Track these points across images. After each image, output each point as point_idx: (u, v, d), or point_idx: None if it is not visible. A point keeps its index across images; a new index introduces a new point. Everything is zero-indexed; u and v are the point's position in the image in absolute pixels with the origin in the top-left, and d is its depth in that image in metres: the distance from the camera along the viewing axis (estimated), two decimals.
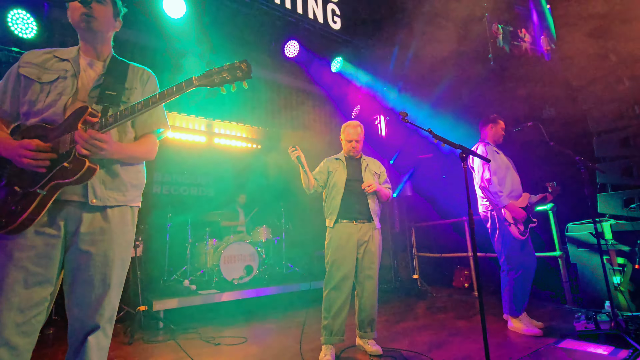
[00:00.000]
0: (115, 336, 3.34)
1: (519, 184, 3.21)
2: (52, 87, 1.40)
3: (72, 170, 1.29)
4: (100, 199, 1.38)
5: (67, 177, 1.29)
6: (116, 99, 1.45)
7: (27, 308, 1.24)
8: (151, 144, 1.58)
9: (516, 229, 3.01)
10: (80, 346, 1.32)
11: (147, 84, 1.62)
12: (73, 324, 1.33)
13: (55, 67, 1.44)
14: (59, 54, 1.47)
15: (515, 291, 3.01)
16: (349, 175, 2.82)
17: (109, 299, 1.38)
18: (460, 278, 5.49)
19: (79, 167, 1.29)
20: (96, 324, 1.34)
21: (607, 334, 2.60)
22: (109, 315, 1.39)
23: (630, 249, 3.38)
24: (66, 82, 1.42)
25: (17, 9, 3.42)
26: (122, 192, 1.45)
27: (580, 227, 3.80)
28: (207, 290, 4.20)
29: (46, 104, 1.37)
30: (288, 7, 4.36)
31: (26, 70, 1.40)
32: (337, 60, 5.22)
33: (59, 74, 1.42)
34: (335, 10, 4.88)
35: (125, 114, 1.35)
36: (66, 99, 1.39)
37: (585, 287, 3.69)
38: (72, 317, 1.33)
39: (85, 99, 1.42)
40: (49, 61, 1.44)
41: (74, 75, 1.44)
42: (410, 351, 2.63)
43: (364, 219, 2.80)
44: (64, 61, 1.45)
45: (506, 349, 2.61)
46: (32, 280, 1.26)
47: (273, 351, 2.83)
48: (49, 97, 1.38)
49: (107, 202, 1.40)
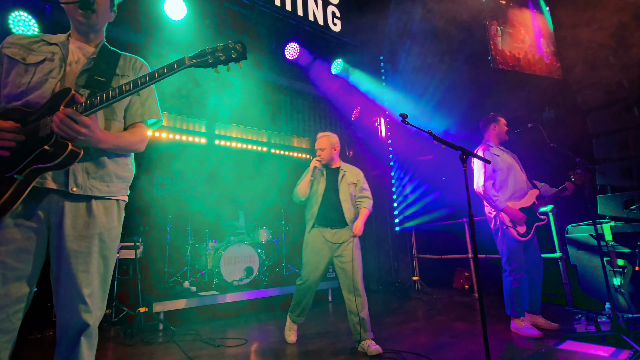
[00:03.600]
0: (115, 338, 3.34)
1: (523, 183, 3.20)
2: (37, 68, 1.33)
3: (53, 154, 1.20)
4: (82, 187, 1.30)
5: (47, 160, 1.20)
6: (105, 85, 1.39)
7: (5, 305, 1.18)
8: (141, 135, 1.51)
9: (515, 231, 3.01)
10: (73, 346, 1.27)
11: (139, 71, 1.55)
12: (62, 323, 1.28)
13: (43, 49, 1.37)
14: (47, 39, 1.41)
15: (517, 292, 3.00)
16: (327, 185, 3.01)
17: (94, 297, 1.31)
18: (460, 280, 5.48)
19: (61, 150, 1.21)
20: (85, 322, 1.28)
21: (608, 336, 2.60)
22: (97, 314, 1.33)
23: (630, 251, 3.38)
24: (53, 64, 1.35)
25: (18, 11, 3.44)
26: (106, 182, 1.38)
27: (581, 228, 3.80)
28: (208, 292, 4.19)
29: (30, 86, 1.31)
30: (288, 9, 4.38)
31: (10, 50, 1.34)
32: (337, 62, 5.24)
33: (46, 55, 1.36)
34: (335, 12, 4.89)
35: (112, 95, 1.27)
36: (54, 82, 1.33)
37: (585, 288, 3.69)
38: (60, 316, 1.28)
39: (72, 83, 1.36)
40: (36, 44, 1.38)
41: (62, 59, 1.37)
42: (411, 352, 2.63)
43: (339, 226, 2.95)
44: (52, 45, 1.39)
45: (506, 350, 2.61)
46: (11, 276, 1.20)
47: (273, 353, 2.82)
48: (34, 78, 1.32)
49: (89, 192, 1.32)
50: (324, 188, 2.99)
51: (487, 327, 1.80)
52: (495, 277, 4.81)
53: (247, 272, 4.58)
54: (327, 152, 3.01)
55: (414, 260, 5.85)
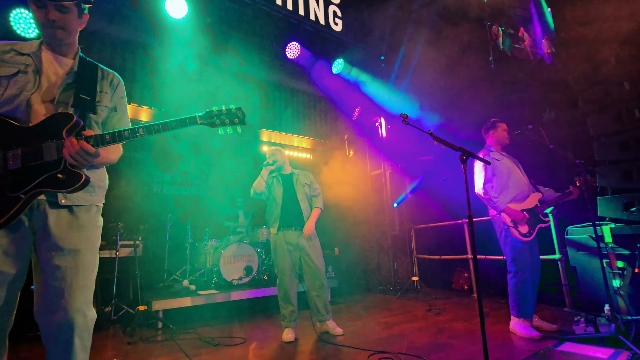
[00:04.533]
0: (114, 336, 3.35)
1: (524, 186, 3.21)
2: (10, 81, 1.33)
3: (65, 182, 1.30)
4: (70, 199, 1.38)
5: (59, 187, 1.30)
6: (91, 103, 1.45)
7: None
8: (119, 150, 1.61)
9: (516, 231, 3.01)
10: (65, 347, 1.29)
11: (116, 89, 1.61)
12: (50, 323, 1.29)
13: (14, 60, 1.37)
14: (18, 48, 1.40)
15: (522, 293, 3.00)
16: (284, 189, 3.40)
17: (85, 296, 1.35)
18: (459, 280, 5.48)
19: (74, 179, 1.32)
20: (73, 321, 1.30)
21: (607, 338, 2.59)
22: (89, 311, 1.37)
23: (630, 253, 3.38)
24: (27, 76, 1.36)
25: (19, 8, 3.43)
26: (90, 192, 1.45)
27: (580, 230, 3.80)
28: (207, 291, 4.20)
29: (3, 99, 1.31)
30: (290, 8, 4.37)
31: None
32: (338, 61, 5.23)
33: (19, 67, 1.36)
34: (336, 12, 4.89)
35: (125, 135, 1.39)
36: (28, 95, 1.34)
37: (584, 290, 3.69)
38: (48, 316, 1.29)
39: (54, 99, 1.38)
40: (7, 54, 1.37)
41: (36, 71, 1.38)
42: (408, 355, 2.63)
43: (299, 225, 3.32)
44: (23, 55, 1.39)
45: (505, 351, 2.61)
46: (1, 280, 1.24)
47: (272, 352, 2.83)
48: (7, 91, 1.32)
49: (75, 202, 1.39)
50: (282, 192, 3.38)
51: (486, 328, 1.80)
52: (495, 278, 4.82)
53: (246, 271, 4.59)
54: (279, 157, 3.42)
55: (414, 261, 5.85)
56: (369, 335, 3.19)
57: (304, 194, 3.42)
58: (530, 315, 3.02)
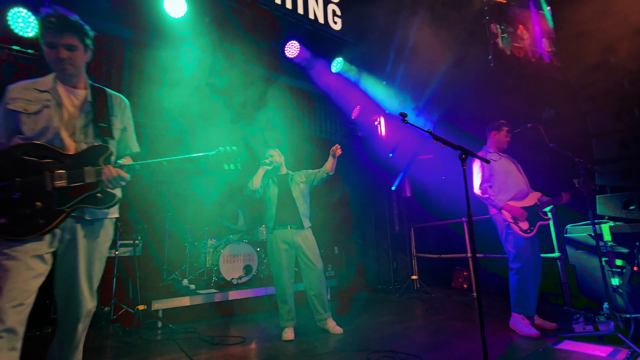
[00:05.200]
0: (113, 335, 3.35)
1: (523, 185, 3.22)
2: (38, 116, 1.58)
3: (103, 199, 1.64)
4: (92, 214, 1.67)
5: (97, 203, 1.63)
6: (109, 130, 1.72)
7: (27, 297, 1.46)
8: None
9: (517, 227, 3.03)
10: (74, 327, 1.65)
11: (124, 111, 1.86)
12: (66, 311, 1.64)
13: (38, 97, 1.61)
14: (38, 86, 1.64)
15: (524, 291, 3.01)
16: (280, 189, 3.43)
17: (92, 291, 1.70)
18: (459, 279, 5.49)
19: (110, 198, 1.66)
20: (88, 309, 1.67)
21: (606, 336, 2.60)
22: (94, 303, 1.72)
23: (629, 251, 3.38)
24: (51, 110, 1.60)
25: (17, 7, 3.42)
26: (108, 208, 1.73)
27: (579, 228, 3.80)
28: (206, 290, 4.20)
29: (36, 132, 1.57)
30: (289, 7, 4.36)
31: (14, 105, 1.57)
32: (338, 60, 5.22)
33: (43, 104, 1.60)
34: (335, 10, 4.88)
35: (151, 165, 1.75)
36: (58, 127, 1.60)
37: (584, 288, 3.69)
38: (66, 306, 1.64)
39: (77, 127, 1.65)
40: (31, 93, 1.61)
41: (57, 105, 1.63)
42: (407, 353, 2.63)
43: (295, 224, 3.34)
44: (43, 92, 1.63)
45: (504, 350, 2.61)
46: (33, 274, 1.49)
47: (271, 351, 2.83)
48: (37, 124, 1.57)
49: (97, 216, 1.68)
50: (277, 192, 3.41)
51: (486, 327, 1.80)
52: (494, 277, 4.83)
53: (246, 270, 4.59)
54: (276, 158, 3.47)
55: (413, 259, 5.86)
56: (369, 334, 3.20)
57: (299, 192, 3.43)
58: (532, 313, 3.03)
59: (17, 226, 1.45)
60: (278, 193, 3.41)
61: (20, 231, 1.45)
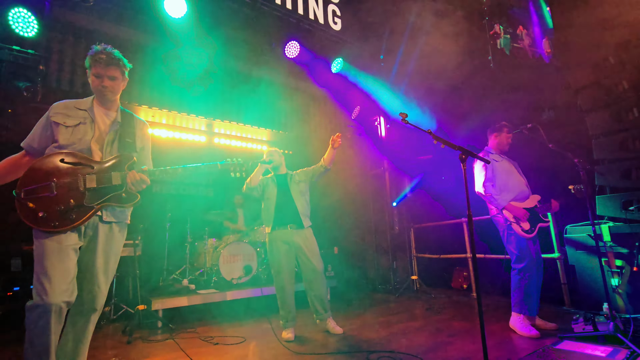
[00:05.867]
0: (113, 335, 3.35)
1: (523, 186, 3.24)
2: (74, 129, 1.89)
3: (126, 199, 1.93)
4: (110, 216, 1.92)
5: (121, 202, 1.91)
6: (132, 145, 2.05)
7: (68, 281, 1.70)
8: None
9: (519, 227, 3.03)
10: (87, 319, 1.86)
11: (144, 134, 2.18)
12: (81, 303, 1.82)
13: (77, 114, 1.93)
14: (78, 105, 1.96)
15: (526, 291, 3.02)
16: (279, 188, 3.42)
17: (107, 286, 1.93)
18: (459, 279, 5.49)
19: (132, 198, 1.95)
20: (100, 303, 1.89)
21: (606, 336, 2.60)
22: (104, 299, 1.94)
23: (628, 251, 3.39)
24: (86, 126, 1.92)
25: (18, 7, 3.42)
26: (122, 212, 2.00)
27: (579, 229, 3.81)
28: (206, 290, 4.20)
29: (70, 141, 1.86)
30: (289, 7, 4.36)
31: (56, 118, 1.89)
32: (338, 61, 5.23)
33: (80, 120, 1.92)
34: (335, 11, 4.88)
35: (169, 172, 2.04)
36: (89, 139, 1.90)
37: (583, 288, 3.70)
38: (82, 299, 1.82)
39: (104, 141, 1.95)
40: (71, 110, 1.94)
41: (91, 122, 1.95)
42: (407, 354, 2.63)
43: (294, 223, 3.32)
44: (82, 110, 1.95)
45: (504, 350, 2.62)
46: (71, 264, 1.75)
47: (271, 351, 2.83)
48: (72, 136, 1.88)
49: (114, 219, 1.94)
50: (276, 191, 3.41)
51: (485, 327, 1.80)
52: (494, 277, 4.83)
53: (246, 270, 4.59)
54: (276, 158, 3.48)
55: (413, 260, 5.86)
56: (368, 334, 3.20)
57: (298, 191, 3.43)
58: (534, 313, 3.03)
59: (54, 220, 1.72)
60: (277, 193, 3.41)
61: (56, 224, 1.71)
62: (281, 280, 3.25)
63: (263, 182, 3.47)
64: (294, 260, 3.34)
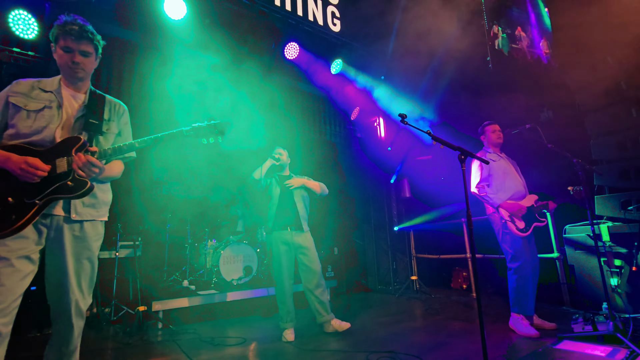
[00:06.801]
0: (114, 337, 3.35)
1: (521, 186, 3.25)
2: (38, 115, 1.61)
3: (73, 188, 1.58)
4: (80, 215, 1.66)
5: (68, 192, 1.57)
6: (99, 127, 1.74)
7: (13, 299, 1.46)
8: (121, 167, 1.88)
9: (514, 225, 3.04)
10: (69, 325, 1.64)
11: (121, 117, 1.90)
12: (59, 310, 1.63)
13: (40, 97, 1.65)
14: (42, 86, 1.68)
15: (523, 290, 3.03)
16: (282, 189, 3.43)
17: (87, 289, 1.70)
18: (458, 279, 5.50)
19: (81, 185, 1.59)
20: (80, 308, 1.66)
21: (605, 336, 2.61)
22: (87, 301, 1.71)
23: (627, 251, 3.40)
24: (52, 111, 1.64)
25: (18, 10, 3.44)
26: (97, 209, 1.75)
27: (578, 229, 3.82)
28: (207, 291, 4.20)
29: (32, 130, 1.58)
30: (288, 9, 4.38)
31: (15, 99, 1.61)
32: (337, 62, 5.24)
33: (45, 103, 1.64)
34: (335, 12, 4.90)
35: (123, 148, 1.70)
36: (55, 127, 1.62)
37: (582, 288, 3.71)
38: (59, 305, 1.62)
39: (71, 127, 1.67)
40: (34, 91, 1.65)
41: (58, 107, 1.66)
42: (407, 354, 2.64)
43: (296, 227, 3.36)
44: (47, 92, 1.67)
45: (504, 350, 2.62)
46: (19, 276, 1.48)
47: (271, 352, 2.83)
48: (35, 123, 1.59)
49: (84, 217, 1.68)
50: (279, 192, 3.42)
51: (485, 327, 1.81)
52: (494, 277, 4.84)
53: (246, 271, 4.59)
54: (284, 158, 3.53)
55: (413, 260, 5.86)
56: (368, 334, 3.20)
57: (300, 196, 3.46)
58: (531, 312, 3.04)
59: None
60: (280, 194, 3.43)
61: None
62: (281, 281, 3.27)
63: (268, 180, 3.49)
64: (293, 261, 3.36)
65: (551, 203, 3.17)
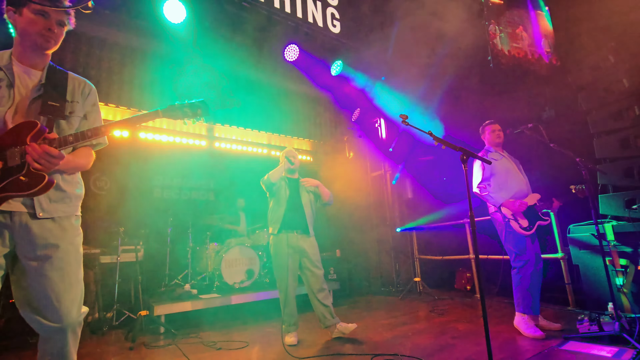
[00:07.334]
0: (116, 341, 3.34)
1: (523, 185, 3.23)
2: None
3: (29, 184, 1.31)
4: (47, 212, 1.41)
5: (22, 189, 1.31)
6: (59, 110, 1.46)
7: None
8: (90, 156, 1.62)
9: (517, 224, 3.02)
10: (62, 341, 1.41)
11: (88, 96, 1.62)
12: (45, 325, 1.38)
13: None
14: None
15: (528, 289, 3.00)
16: (291, 191, 3.42)
17: (73, 295, 1.44)
18: (462, 280, 5.47)
19: (37, 181, 1.32)
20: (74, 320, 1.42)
21: (611, 336, 2.58)
22: (77, 312, 1.46)
23: (632, 250, 3.37)
24: (1, 91, 1.38)
25: None
26: (67, 203, 1.50)
27: (582, 228, 3.79)
28: (209, 295, 4.19)
29: None
30: (288, 11, 4.38)
31: None
32: (337, 63, 5.24)
33: None
34: (334, 14, 4.89)
35: (88, 135, 1.42)
36: (4, 110, 1.36)
37: (587, 288, 3.67)
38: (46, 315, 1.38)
39: (25, 109, 1.41)
40: None
41: (9, 85, 1.40)
42: (411, 357, 2.61)
43: (301, 229, 3.34)
44: None
45: (509, 352, 2.60)
46: None
47: (274, 355, 2.82)
48: None
49: (53, 214, 1.43)
50: (288, 194, 3.40)
51: (489, 328, 1.79)
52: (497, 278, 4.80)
53: (248, 274, 4.58)
54: (296, 161, 3.53)
55: (415, 262, 5.84)
56: (372, 336, 3.18)
57: (308, 199, 3.45)
58: (537, 312, 3.01)
59: None
60: (289, 196, 3.40)
61: None
62: (285, 284, 3.23)
63: (280, 181, 3.46)
64: (297, 264, 3.34)
65: (555, 202, 3.15)
